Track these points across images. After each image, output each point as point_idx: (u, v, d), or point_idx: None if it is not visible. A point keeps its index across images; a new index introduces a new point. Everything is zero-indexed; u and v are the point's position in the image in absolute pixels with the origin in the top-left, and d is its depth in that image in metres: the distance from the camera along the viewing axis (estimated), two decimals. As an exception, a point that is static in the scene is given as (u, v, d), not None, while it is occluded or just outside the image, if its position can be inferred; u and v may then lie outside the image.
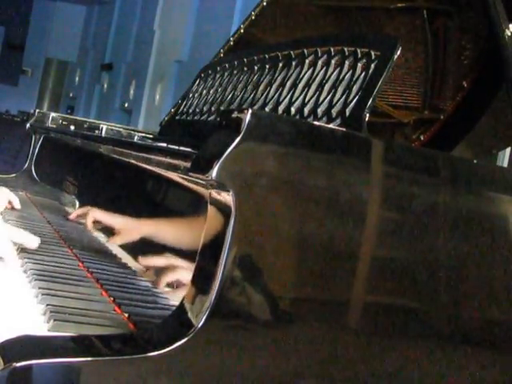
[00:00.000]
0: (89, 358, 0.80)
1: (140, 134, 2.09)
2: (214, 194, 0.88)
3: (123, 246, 1.33)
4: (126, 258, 1.28)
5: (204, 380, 0.86)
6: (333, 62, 1.29)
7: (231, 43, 1.99)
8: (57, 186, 1.96)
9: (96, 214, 1.49)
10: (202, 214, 0.92)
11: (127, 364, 0.81)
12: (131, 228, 1.31)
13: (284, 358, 0.89)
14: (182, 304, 0.89)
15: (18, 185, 2.03)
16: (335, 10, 1.81)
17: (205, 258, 0.89)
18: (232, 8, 5.13)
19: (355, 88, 1.17)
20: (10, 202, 1.64)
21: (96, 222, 1.49)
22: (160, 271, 1.13)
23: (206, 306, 0.84)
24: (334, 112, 1.19)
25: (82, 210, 1.59)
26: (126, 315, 0.99)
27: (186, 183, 1.06)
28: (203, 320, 0.83)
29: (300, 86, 1.34)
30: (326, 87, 1.26)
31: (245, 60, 1.65)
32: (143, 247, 1.22)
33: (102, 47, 9.13)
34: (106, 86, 8.65)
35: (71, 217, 1.64)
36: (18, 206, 1.66)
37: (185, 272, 0.99)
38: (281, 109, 1.36)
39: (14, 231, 1.27)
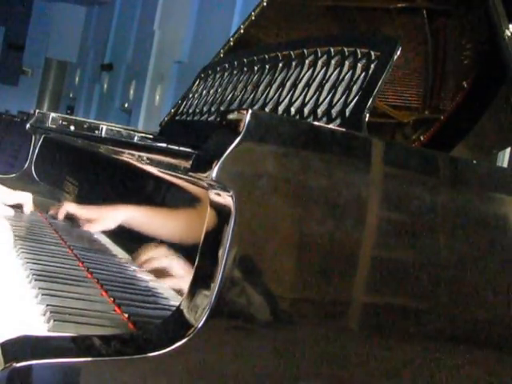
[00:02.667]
0: (89, 358, 0.80)
1: (140, 135, 2.09)
2: (214, 194, 0.88)
3: (124, 247, 1.34)
4: (126, 258, 1.28)
5: (204, 380, 0.86)
6: (333, 62, 1.29)
7: (231, 43, 1.99)
8: (57, 186, 1.96)
9: (70, 208, 1.51)
10: (202, 215, 0.92)
11: (127, 364, 0.81)
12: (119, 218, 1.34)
13: (284, 358, 0.89)
14: (181, 304, 0.89)
15: (17, 185, 2.02)
16: (335, 10, 1.82)
17: (205, 258, 0.89)
18: (232, 8, 5.14)
19: (355, 88, 1.17)
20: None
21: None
22: (160, 270, 1.13)
23: (206, 307, 0.84)
24: (333, 112, 1.19)
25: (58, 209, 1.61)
26: (126, 315, 0.99)
27: (185, 183, 1.06)
28: (203, 320, 0.83)
29: (300, 86, 1.34)
30: (326, 87, 1.26)
31: (245, 60, 1.65)
32: (142, 246, 1.22)
33: (102, 47, 9.13)
34: (105, 86, 8.65)
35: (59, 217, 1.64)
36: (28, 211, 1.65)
37: (185, 272, 0.99)
38: (281, 109, 1.36)
39: (6, 193, 1.25)
